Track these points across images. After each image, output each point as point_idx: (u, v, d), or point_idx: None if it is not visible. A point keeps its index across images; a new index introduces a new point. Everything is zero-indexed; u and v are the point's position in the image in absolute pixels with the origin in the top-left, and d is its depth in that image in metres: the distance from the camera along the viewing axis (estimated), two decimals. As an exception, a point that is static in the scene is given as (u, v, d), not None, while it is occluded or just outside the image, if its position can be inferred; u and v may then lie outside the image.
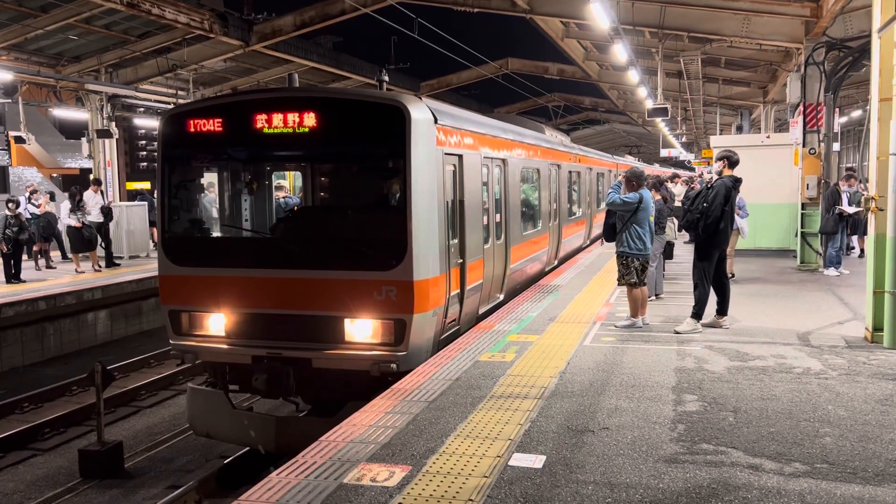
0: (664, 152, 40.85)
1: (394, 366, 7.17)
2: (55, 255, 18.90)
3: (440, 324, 7.90)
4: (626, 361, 7.40)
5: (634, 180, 9.01)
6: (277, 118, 7.48)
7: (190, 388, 8.41)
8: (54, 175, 38.08)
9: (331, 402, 7.76)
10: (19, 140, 21.82)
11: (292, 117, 7.44)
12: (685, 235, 15.45)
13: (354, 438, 5.33)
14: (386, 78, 8.29)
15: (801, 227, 14.62)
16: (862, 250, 15.00)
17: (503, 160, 10.58)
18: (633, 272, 8.89)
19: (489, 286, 9.85)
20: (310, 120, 7.41)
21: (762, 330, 8.81)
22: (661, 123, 31.37)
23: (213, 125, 7.76)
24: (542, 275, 13.63)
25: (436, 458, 4.95)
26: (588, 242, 20.20)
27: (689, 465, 4.76)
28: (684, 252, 14.95)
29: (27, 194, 18.49)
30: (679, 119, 36.89)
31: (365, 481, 4.59)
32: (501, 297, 10.61)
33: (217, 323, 7.80)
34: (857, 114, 29.46)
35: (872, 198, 8.16)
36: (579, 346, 8.04)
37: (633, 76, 19.47)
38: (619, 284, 9.42)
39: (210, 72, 24.47)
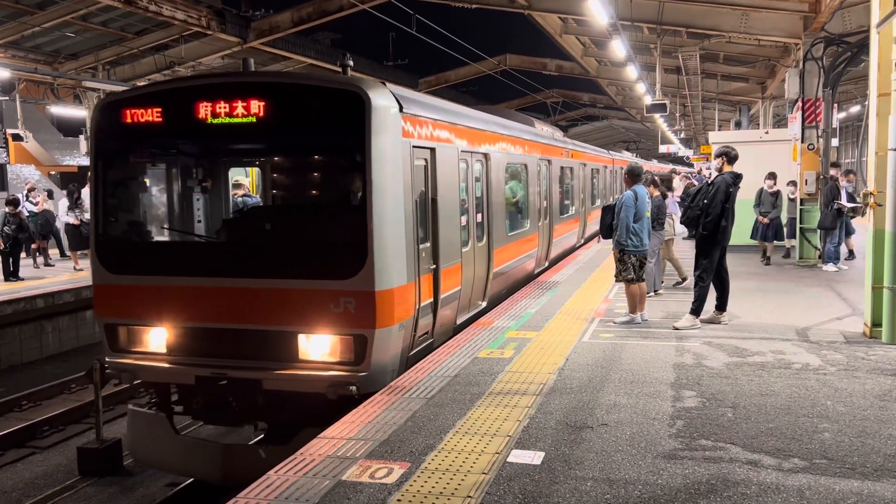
0: (663, 148, 40.80)
1: (353, 388, 6.34)
2: (53, 252, 18.88)
3: (409, 338, 7.10)
4: (624, 357, 7.40)
5: (630, 177, 9.07)
6: (221, 107, 6.66)
7: (130, 410, 7.71)
8: (52, 173, 38.03)
9: (285, 428, 6.85)
10: (17, 138, 21.80)
11: (238, 105, 6.62)
12: (685, 231, 15.43)
13: (353, 435, 5.32)
14: (350, 62, 7.31)
15: (800, 223, 14.62)
16: (850, 251, 15.03)
17: (485, 154, 9.88)
18: (631, 268, 8.89)
19: (469, 293, 9.09)
20: (257, 108, 6.61)
21: (761, 326, 8.81)
22: (659, 119, 31.35)
23: (150, 115, 6.87)
24: (531, 277, 12.90)
25: (434, 454, 4.94)
26: (582, 241, 19.51)
27: (687, 461, 4.75)
28: (685, 248, 14.94)
29: (25, 192, 18.47)
30: (678, 115, 36.92)
31: (363, 478, 4.59)
32: (484, 304, 9.88)
33: (157, 338, 7.01)
34: (855, 109, 29.45)
35: (871, 193, 8.16)
36: (578, 343, 8.03)
37: (631, 72, 19.45)
38: (616, 281, 9.43)
39: (208, 69, 24.44)
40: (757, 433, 5.23)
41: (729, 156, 8.81)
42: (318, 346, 6.59)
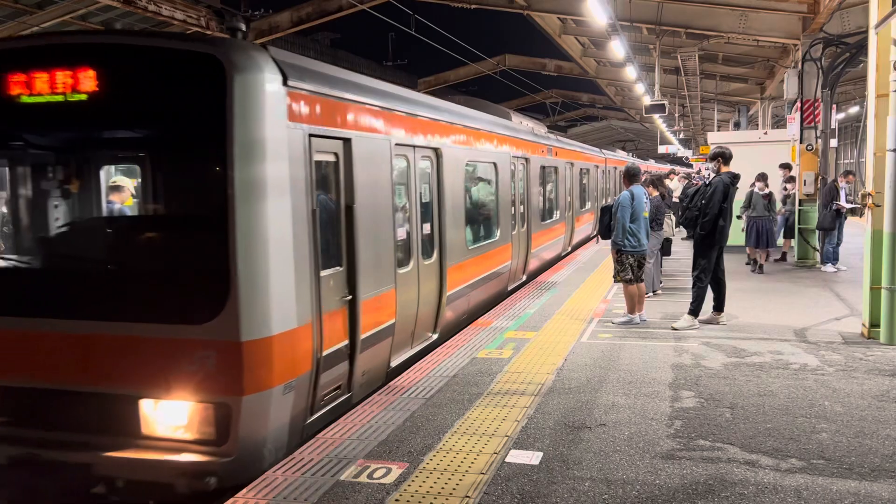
0: (662, 149, 40.86)
1: (211, 480, 4.64)
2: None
3: (304, 401, 5.32)
4: (623, 358, 7.41)
5: (627, 177, 9.11)
6: (40, 80, 4.93)
7: None
8: None
9: None
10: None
11: (61, 77, 4.89)
12: (682, 231, 15.44)
13: (351, 435, 5.33)
14: (242, 27, 5.60)
15: (799, 224, 14.63)
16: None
17: (435, 150, 8.17)
18: (628, 268, 8.90)
19: (409, 326, 7.40)
20: (86, 81, 4.87)
21: (759, 326, 8.81)
22: (658, 120, 31.36)
23: None
24: (503, 295, 11.18)
25: (433, 454, 4.95)
26: (569, 249, 17.57)
27: (685, 462, 4.76)
28: (682, 248, 14.96)
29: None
30: (677, 115, 36.97)
31: (362, 478, 4.59)
32: (435, 336, 8.19)
33: None
34: (854, 110, 29.49)
35: (870, 194, 8.17)
36: (577, 343, 8.04)
37: (630, 72, 19.45)
38: (615, 281, 9.45)
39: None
40: (755, 433, 5.24)
41: (725, 156, 8.84)
42: (168, 417, 4.83)
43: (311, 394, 5.41)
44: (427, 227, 8.00)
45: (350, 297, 6.00)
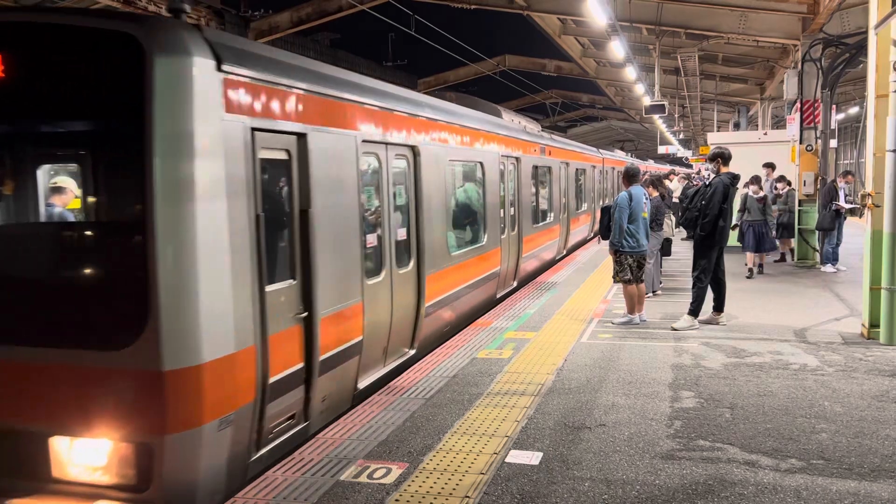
0: (661, 149, 40.87)
1: None
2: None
3: (248, 435, 4.66)
4: (623, 358, 7.41)
5: (626, 178, 9.10)
6: None
7: None
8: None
9: None
10: None
11: None
12: (682, 232, 15.44)
13: (351, 435, 5.33)
14: (187, 8, 4.75)
15: (799, 224, 14.63)
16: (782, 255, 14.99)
17: (412, 148, 7.52)
18: (627, 269, 8.91)
19: (381, 343, 6.75)
20: None
21: (759, 326, 8.82)
22: (658, 120, 31.37)
23: None
24: (491, 303, 10.57)
25: (433, 454, 4.95)
26: (564, 253, 16.83)
27: (685, 462, 4.76)
28: (682, 249, 14.96)
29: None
30: (676, 116, 36.99)
31: (362, 478, 4.59)
32: (412, 351, 7.56)
33: None
34: (854, 111, 29.50)
35: (869, 194, 8.17)
36: (576, 343, 8.04)
37: (630, 73, 19.46)
38: (614, 281, 9.45)
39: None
40: (754, 434, 5.24)
41: (724, 157, 8.86)
42: (83, 458, 4.22)
43: (255, 427, 4.71)
44: (402, 233, 7.33)
45: (305, 313, 5.26)
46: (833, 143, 18.30)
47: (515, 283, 12.10)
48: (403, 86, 9.06)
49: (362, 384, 6.36)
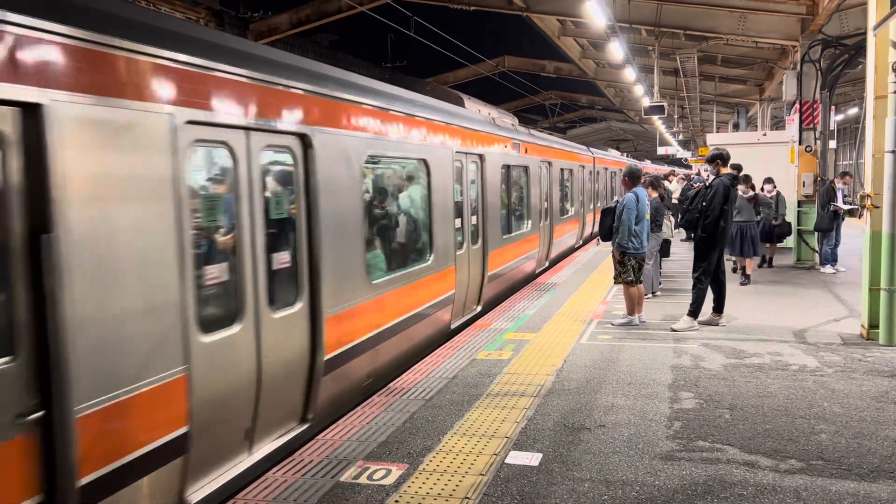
0: (661, 150, 40.88)
1: None
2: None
3: None
4: (622, 359, 7.41)
5: (629, 179, 9.09)
6: None
7: None
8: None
9: None
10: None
11: None
12: (682, 233, 15.44)
13: (351, 436, 5.33)
14: None
15: (798, 225, 14.63)
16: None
17: (301, 137, 5.47)
18: (630, 270, 8.91)
19: (240, 422, 4.81)
20: None
21: (758, 327, 8.82)
22: (657, 121, 31.39)
23: None
24: (443, 335, 8.74)
25: (432, 456, 4.95)
26: (546, 265, 14.85)
27: (685, 463, 4.77)
28: (681, 250, 14.97)
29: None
30: (676, 117, 36.98)
31: (361, 479, 4.59)
32: (302, 426, 5.55)
33: None
34: (853, 111, 29.52)
35: (868, 195, 8.18)
36: (576, 344, 8.05)
37: (629, 74, 19.46)
38: (615, 282, 9.45)
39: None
40: (754, 434, 5.24)
41: (723, 158, 8.87)
42: None
43: None
44: (283, 257, 5.28)
45: (42, 412, 3.32)
46: (832, 143, 18.32)
47: (479, 308, 10.22)
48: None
49: (192, 498, 4.33)
